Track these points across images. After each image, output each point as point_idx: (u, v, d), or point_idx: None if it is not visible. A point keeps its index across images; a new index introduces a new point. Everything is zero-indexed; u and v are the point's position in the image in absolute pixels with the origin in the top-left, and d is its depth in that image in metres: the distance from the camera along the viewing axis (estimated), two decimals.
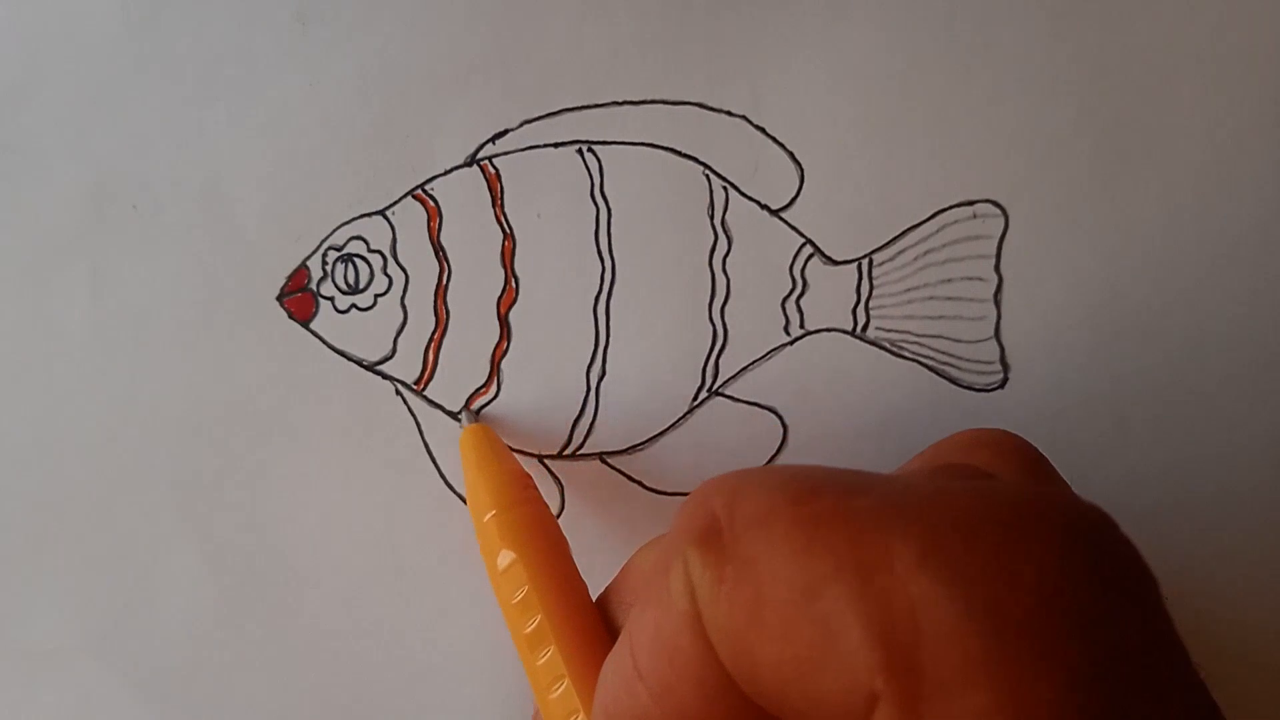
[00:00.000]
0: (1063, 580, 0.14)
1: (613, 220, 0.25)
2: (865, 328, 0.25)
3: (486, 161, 0.25)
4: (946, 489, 0.15)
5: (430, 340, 0.25)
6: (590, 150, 0.25)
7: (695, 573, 0.16)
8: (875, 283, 0.25)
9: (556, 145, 0.25)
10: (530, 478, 0.23)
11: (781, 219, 0.25)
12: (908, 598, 0.14)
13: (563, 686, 0.20)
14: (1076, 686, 0.13)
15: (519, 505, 0.22)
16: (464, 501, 0.25)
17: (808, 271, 0.25)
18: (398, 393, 0.25)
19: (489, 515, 0.22)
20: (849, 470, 0.16)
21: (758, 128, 0.25)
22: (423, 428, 0.25)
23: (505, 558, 0.21)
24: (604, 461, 0.25)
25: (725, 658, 0.16)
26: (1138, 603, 0.14)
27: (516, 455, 0.25)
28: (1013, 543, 0.14)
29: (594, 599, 0.22)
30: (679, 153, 0.25)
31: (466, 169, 0.25)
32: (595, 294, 0.25)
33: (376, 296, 0.25)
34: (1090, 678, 0.13)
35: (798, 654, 0.14)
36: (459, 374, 0.25)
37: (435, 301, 0.25)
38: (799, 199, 0.25)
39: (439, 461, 0.25)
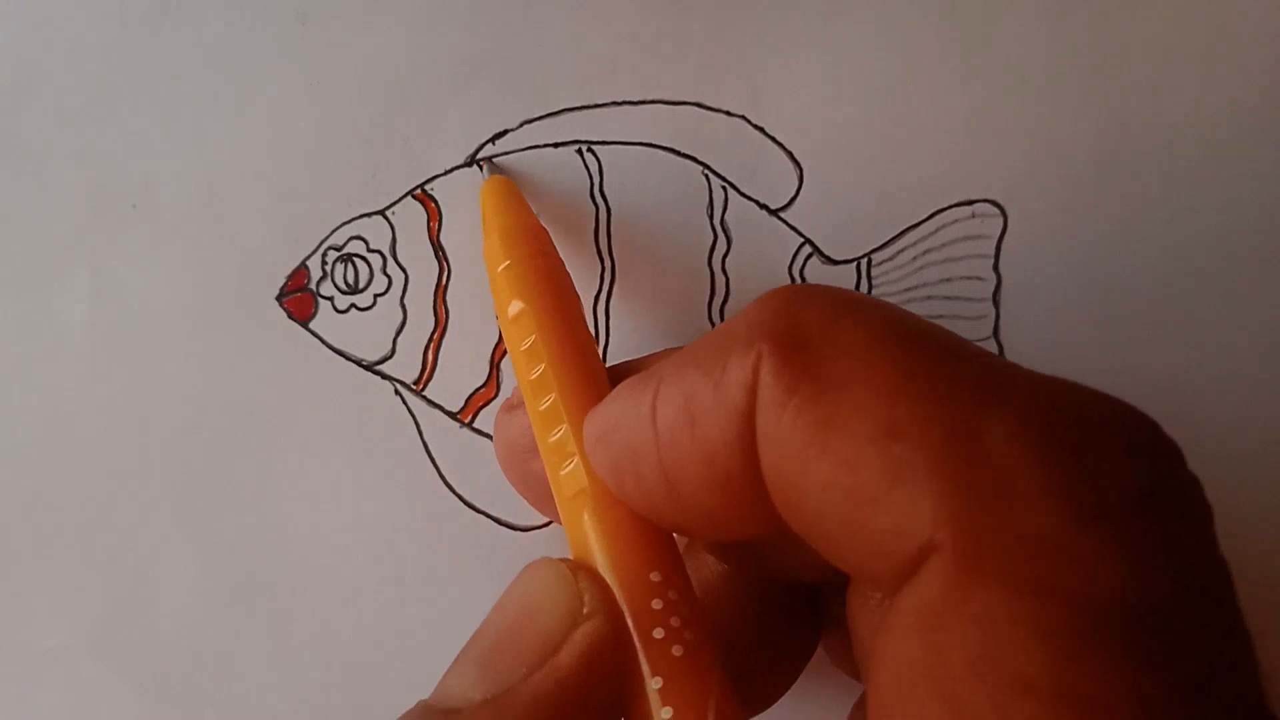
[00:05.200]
0: (1151, 482, 0.14)
1: (613, 220, 0.25)
2: None
3: (487, 160, 0.25)
4: (1044, 376, 0.15)
5: (430, 340, 0.25)
6: (590, 150, 0.25)
7: (767, 374, 0.15)
8: (874, 282, 0.25)
9: (556, 145, 0.25)
10: (546, 233, 0.23)
11: (781, 219, 0.25)
12: (996, 463, 0.14)
13: (561, 431, 0.20)
14: (1139, 576, 0.13)
15: (533, 258, 0.22)
16: (463, 502, 0.25)
17: (807, 271, 0.25)
18: (397, 393, 0.25)
19: (502, 266, 0.22)
20: (947, 330, 0.16)
21: (757, 128, 0.25)
22: (422, 428, 0.25)
23: (515, 307, 0.21)
24: None
25: (767, 462, 0.16)
26: (1202, 527, 0.14)
27: None
28: (1112, 436, 0.14)
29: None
30: (679, 153, 0.25)
31: (466, 168, 0.25)
32: (595, 294, 0.25)
33: (376, 296, 0.25)
34: (1157, 569, 0.13)
35: (854, 483, 0.14)
36: (459, 374, 0.25)
37: (435, 301, 0.25)
38: (798, 199, 0.25)
39: (438, 461, 0.25)
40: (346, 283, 0.25)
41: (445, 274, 0.25)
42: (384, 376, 0.25)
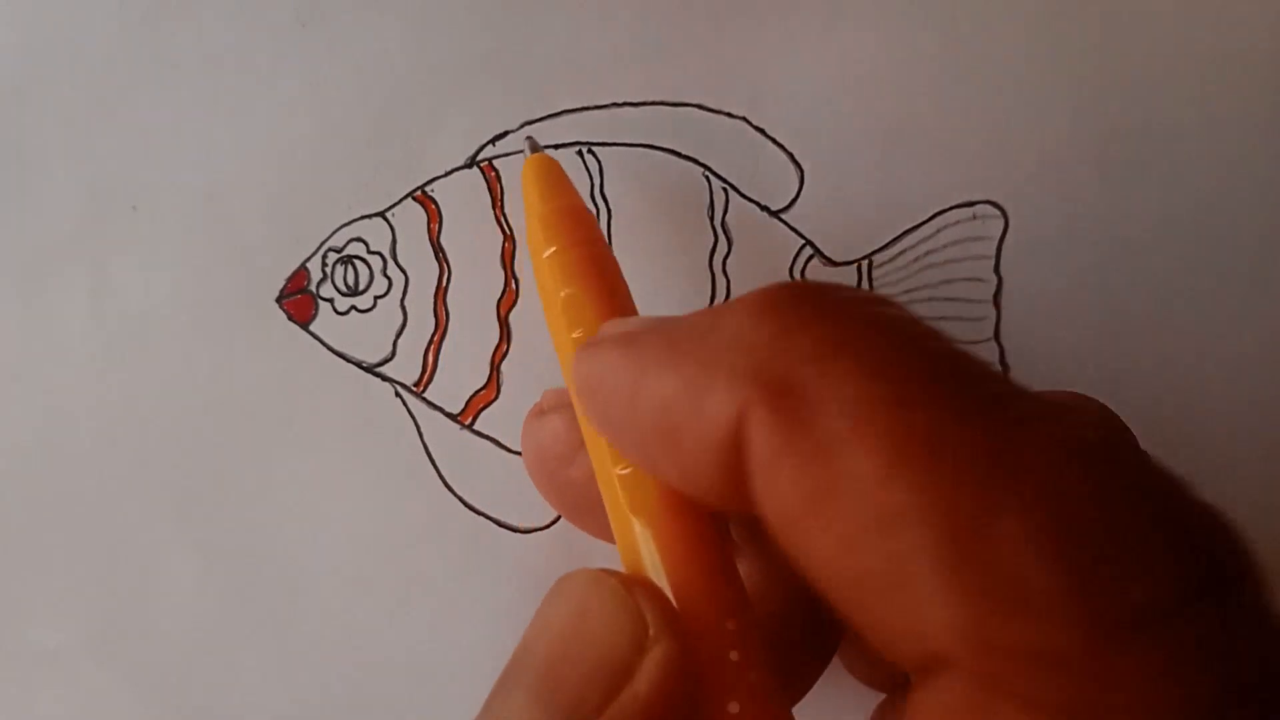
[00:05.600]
0: (1200, 583, 0.12)
1: (613, 221, 0.25)
2: None
3: (487, 163, 0.25)
4: (1073, 441, 0.13)
5: (430, 342, 0.25)
6: (590, 151, 0.25)
7: (758, 429, 0.14)
8: (875, 284, 0.25)
9: (556, 146, 0.25)
10: (594, 217, 0.22)
11: (781, 220, 0.25)
12: (1008, 566, 0.12)
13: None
14: (1171, 699, 0.12)
15: (581, 245, 0.21)
16: (463, 504, 0.25)
17: (808, 273, 0.25)
18: (397, 394, 0.25)
19: (548, 252, 0.21)
20: (968, 354, 0.14)
21: (758, 128, 0.25)
22: (422, 430, 0.25)
23: (563, 293, 0.20)
24: None
25: (769, 513, 0.14)
26: (1263, 625, 0.13)
27: (517, 458, 0.25)
28: (1148, 530, 0.13)
29: None
30: (679, 154, 0.25)
31: (467, 170, 0.25)
32: None
33: (376, 298, 0.25)
34: (1196, 692, 0.12)
35: (858, 570, 0.13)
36: (459, 376, 0.25)
37: (435, 303, 0.25)
38: (799, 200, 0.25)
39: (438, 463, 0.25)
40: (347, 284, 0.25)
41: (445, 276, 0.25)
42: (384, 378, 0.25)
